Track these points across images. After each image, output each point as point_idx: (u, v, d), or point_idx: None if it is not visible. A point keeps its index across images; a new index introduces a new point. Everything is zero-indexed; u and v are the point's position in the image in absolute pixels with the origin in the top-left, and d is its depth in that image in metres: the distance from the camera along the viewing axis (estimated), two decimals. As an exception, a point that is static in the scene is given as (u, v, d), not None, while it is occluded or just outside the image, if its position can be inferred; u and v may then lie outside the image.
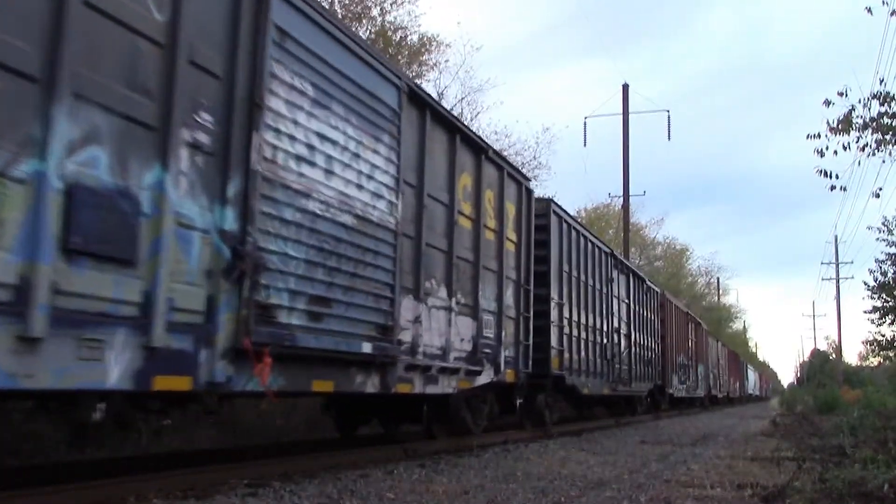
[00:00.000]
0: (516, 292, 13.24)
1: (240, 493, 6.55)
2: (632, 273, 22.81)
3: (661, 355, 26.68)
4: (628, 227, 36.64)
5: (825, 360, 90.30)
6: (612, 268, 19.99)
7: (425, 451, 10.84)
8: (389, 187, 9.07)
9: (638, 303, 23.20)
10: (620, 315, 20.91)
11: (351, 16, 21.08)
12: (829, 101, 13.88)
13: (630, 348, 21.79)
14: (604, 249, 19.44)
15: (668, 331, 28.17)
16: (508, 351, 12.81)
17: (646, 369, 24.02)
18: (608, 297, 19.49)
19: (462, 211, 11.18)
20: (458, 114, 24.44)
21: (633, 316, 22.47)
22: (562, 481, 8.07)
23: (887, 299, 33.24)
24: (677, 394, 29.83)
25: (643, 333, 23.81)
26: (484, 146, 11.97)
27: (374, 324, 8.67)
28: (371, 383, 8.81)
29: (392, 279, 9.03)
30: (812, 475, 8.16)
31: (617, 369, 20.06)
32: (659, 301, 27.07)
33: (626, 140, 34.30)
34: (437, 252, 10.49)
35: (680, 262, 66.89)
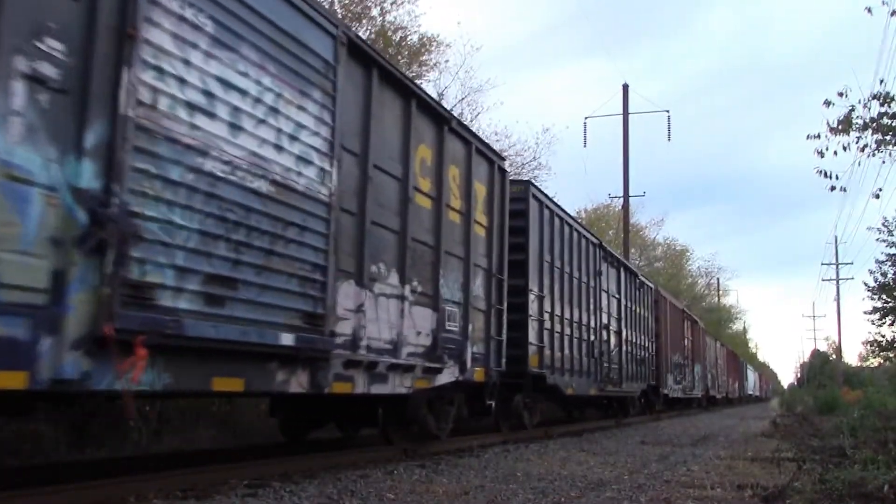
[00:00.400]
0: (487, 282, 11.68)
1: (240, 493, 6.40)
2: (623, 267, 21.15)
3: (655, 354, 25.02)
4: (628, 228, 35.94)
5: (825, 360, 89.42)
6: (600, 260, 18.37)
7: (425, 451, 10.48)
8: (321, 152, 7.51)
9: (630, 298, 21.55)
10: (610, 311, 19.25)
11: (351, 16, 20.57)
12: (829, 102, 13.55)
13: (621, 346, 20.15)
14: (591, 240, 17.84)
15: (663, 329, 26.53)
16: (477, 347, 11.27)
17: (638, 369, 22.37)
18: (596, 292, 17.88)
19: (419, 187, 9.63)
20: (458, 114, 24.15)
21: (625, 312, 20.82)
22: (562, 482, 7.92)
23: (887, 300, 32.76)
24: (673, 394, 28.08)
25: (636, 331, 22.16)
26: (446, 116, 10.39)
27: (298, 311, 7.13)
28: (297, 382, 7.27)
29: (324, 260, 7.48)
30: (812, 476, 8.05)
31: (606, 368, 18.43)
32: (653, 297, 25.42)
33: (626, 140, 33.85)
34: (387, 232, 8.94)
35: (680, 262, 65.62)
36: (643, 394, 23.80)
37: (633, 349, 21.76)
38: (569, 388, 15.64)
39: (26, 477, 6.75)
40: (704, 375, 37.06)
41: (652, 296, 25.16)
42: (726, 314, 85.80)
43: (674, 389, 28.18)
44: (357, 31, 20.69)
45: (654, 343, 24.84)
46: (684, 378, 30.43)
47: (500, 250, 12.13)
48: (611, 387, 18.87)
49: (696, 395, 34.65)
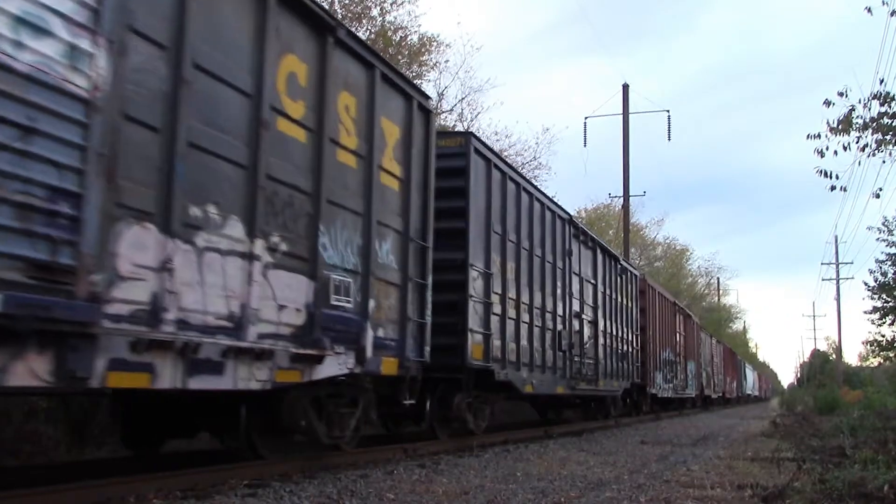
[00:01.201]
0: (402, 249, 8.75)
1: (240, 494, 6.10)
2: (600, 248, 17.84)
3: (640, 349, 21.67)
4: (628, 228, 34.36)
5: (825, 360, 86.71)
6: (570, 238, 15.19)
7: (425, 451, 10.01)
8: (71, 21, 4.59)
9: (610, 286, 18.33)
10: (584, 298, 16.07)
11: (351, 16, 19.85)
12: (829, 102, 13.00)
13: (597, 339, 16.90)
14: (559, 214, 14.67)
15: (651, 321, 23.12)
16: (385, 330, 8.36)
17: (620, 365, 19.07)
18: (565, 274, 14.75)
19: (284, 110, 6.72)
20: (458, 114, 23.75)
21: (603, 301, 17.60)
22: (562, 481, 7.65)
23: (887, 299, 30.88)
24: (662, 394, 24.60)
25: (617, 322, 18.91)
26: (330, 23, 7.28)
27: (13, 258, 4.24)
28: (25, 370, 4.37)
29: (77, 184, 4.60)
30: (812, 476, 7.81)
31: (577, 363, 15.21)
32: (638, 287, 22.07)
33: (626, 140, 32.33)
34: (226, 164, 6.03)
35: (680, 262, 63.16)
36: (627, 393, 20.53)
37: (614, 343, 18.53)
38: (527, 386, 12.59)
39: (26, 477, 6.50)
40: (699, 374, 33.36)
41: (636, 284, 21.80)
42: (726, 314, 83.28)
43: (663, 388, 24.80)
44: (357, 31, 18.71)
45: (638, 337, 21.52)
46: (675, 376, 26.92)
47: (421, 210, 9.17)
48: (584, 385, 15.68)
49: (690, 394, 31.00)
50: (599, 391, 17.17)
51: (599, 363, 16.92)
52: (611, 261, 18.60)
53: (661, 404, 27.17)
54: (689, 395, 30.85)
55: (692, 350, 31.42)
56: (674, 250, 60.46)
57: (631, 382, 20.22)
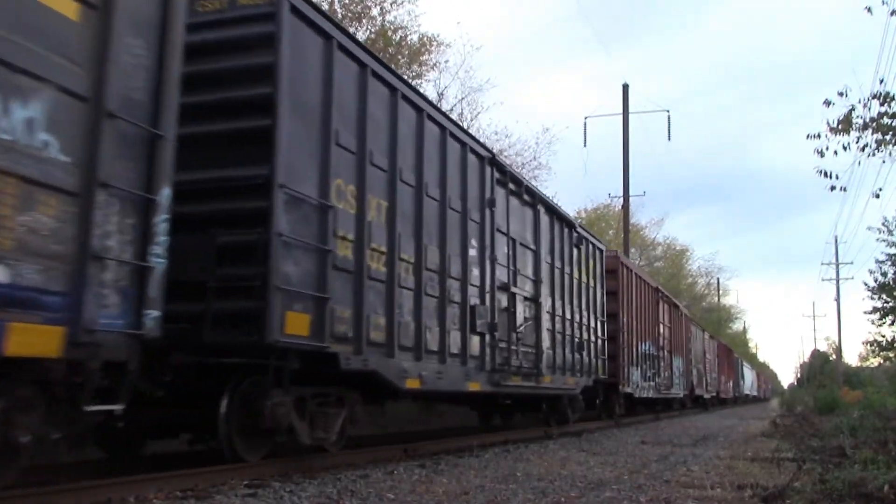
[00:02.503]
0: (82, 125, 4.81)
1: (239, 494, 6.05)
2: (546, 207, 13.63)
3: (609, 340, 17.75)
4: (628, 228, 33.82)
5: (825, 360, 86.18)
6: (492, 184, 11.15)
7: (425, 450, 9.95)
8: None
9: (563, 258, 14.42)
10: (519, 267, 12.14)
11: (351, 15, 19.86)
12: (829, 102, 13.00)
13: (541, 322, 12.93)
14: (474, 149, 10.64)
15: (624, 307, 19.21)
16: (21, 271, 4.38)
17: (577, 357, 15.17)
18: (485, 232, 10.81)
19: None
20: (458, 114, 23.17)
21: (552, 275, 13.76)
22: (562, 482, 7.60)
23: (887, 300, 30.51)
24: (640, 393, 20.67)
25: (573, 304, 14.99)
26: None
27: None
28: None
29: None
30: (812, 476, 7.80)
31: (505, 352, 11.27)
32: (605, 264, 17.89)
33: (626, 140, 31.90)
34: None
35: (680, 262, 62.13)
36: (591, 392, 16.71)
37: (569, 329, 14.64)
38: (409, 380, 8.63)
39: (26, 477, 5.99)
40: (688, 371, 29.55)
41: (602, 261, 17.57)
42: (726, 314, 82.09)
43: (641, 388, 20.82)
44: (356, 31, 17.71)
45: (605, 324, 17.46)
46: (658, 373, 22.96)
47: (147, 71, 5.33)
48: (518, 380, 11.77)
49: (676, 394, 27.02)
50: (543, 389, 13.12)
51: (544, 353, 12.95)
52: (563, 226, 14.53)
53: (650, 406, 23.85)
54: (675, 396, 27.06)
55: (680, 344, 27.58)
56: (674, 250, 60.17)
57: (595, 379, 16.34)
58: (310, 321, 7.04)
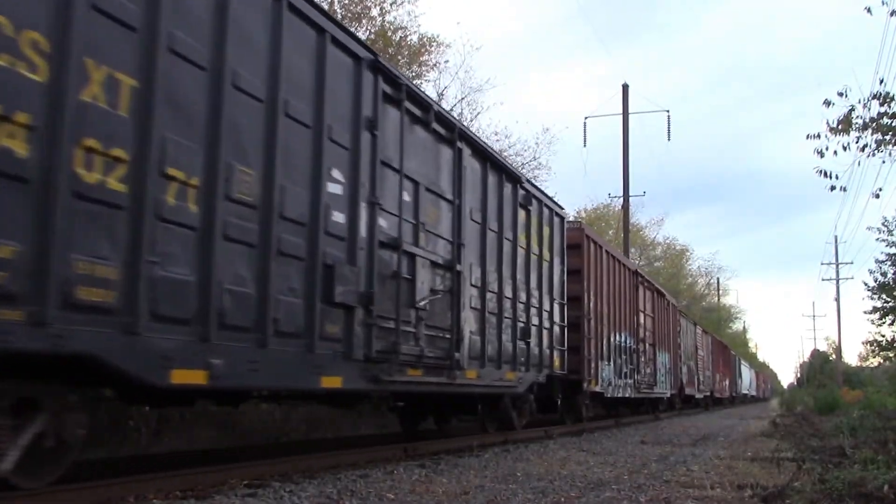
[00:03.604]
0: None
1: (239, 494, 5.97)
2: (474, 150, 10.34)
3: (569, 328, 14.31)
4: (628, 228, 33.47)
5: (825, 360, 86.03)
6: (376, 98, 7.97)
7: (425, 450, 9.62)
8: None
9: (505, 221, 11.27)
10: (426, 221, 8.94)
11: (351, 16, 19.68)
12: (829, 102, 12.86)
13: (460, 297, 9.61)
14: (339, 39, 7.45)
15: (592, 291, 15.84)
16: None
17: (521, 347, 11.77)
18: (360, 163, 7.63)
19: None
20: (458, 114, 22.72)
21: (485, 239, 10.59)
22: (562, 482, 7.49)
23: (887, 300, 30.68)
24: (613, 392, 17.37)
25: (518, 280, 11.73)
26: None
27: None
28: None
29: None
30: (812, 476, 7.61)
31: (392, 334, 8.00)
32: (566, 236, 14.38)
33: (626, 140, 31.46)
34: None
35: (680, 262, 61.13)
36: (547, 390, 13.59)
37: (510, 311, 11.40)
38: (179, 371, 5.43)
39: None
40: (676, 368, 26.27)
41: (563, 232, 14.18)
42: (726, 314, 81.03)
43: (615, 385, 17.41)
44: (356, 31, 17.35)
45: (563, 307, 14.04)
46: (637, 370, 19.66)
47: None
48: (418, 374, 8.58)
49: (661, 393, 23.63)
50: (463, 387, 9.83)
51: (466, 340, 9.74)
52: (502, 178, 11.18)
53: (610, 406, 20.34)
54: (660, 395, 23.72)
55: (665, 337, 24.23)
56: (674, 250, 59.59)
57: (549, 374, 13.15)
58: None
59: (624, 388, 18.47)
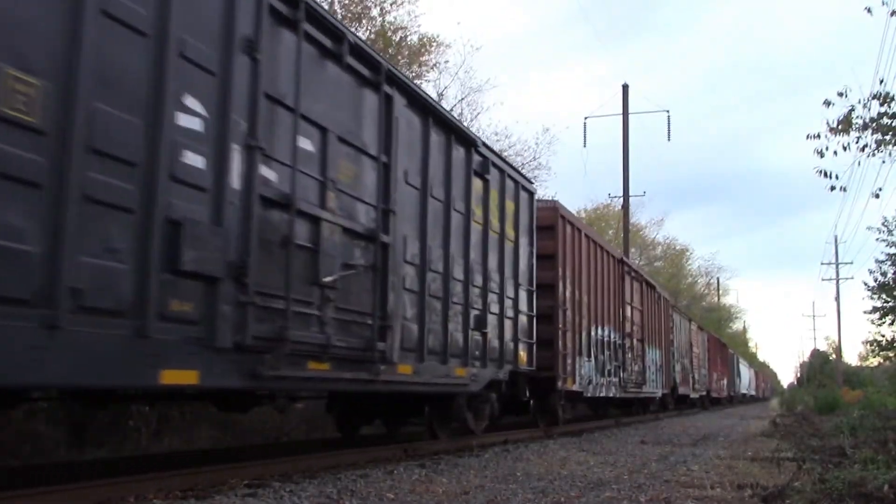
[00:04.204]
0: None
1: (240, 493, 5.92)
2: (410, 100, 8.55)
3: (540, 319, 12.51)
4: (628, 228, 33.06)
5: (825, 360, 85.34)
6: (259, 14, 6.15)
7: (425, 450, 9.50)
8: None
9: (454, 189, 9.49)
10: (336, 177, 7.13)
11: (351, 16, 19.39)
12: (829, 102, 12.79)
13: (387, 274, 7.89)
14: None
15: (568, 278, 14.04)
16: None
17: (475, 338, 10.01)
18: (232, 94, 5.86)
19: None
20: (458, 114, 22.56)
21: (426, 209, 8.83)
22: (562, 481, 7.42)
23: (887, 299, 30.16)
24: (594, 392, 15.66)
25: (471, 261, 9.92)
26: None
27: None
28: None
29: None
30: (812, 475, 7.57)
31: (280, 316, 6.20)
32: (536, 215, 12.54)
33: (626, 140, 31.17)
34: None
35: (680, 262, 60.40)
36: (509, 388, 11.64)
37: (461, 296, 9.67)
38: None
39: (26, 477, 6.32)
40: (667, 366, 24.34)
41: (532, 209, 12.32)
42: (726, 314, 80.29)
43: (597, 384, 15.80)
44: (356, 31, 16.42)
45: (532, 295, 12.14)
46: (623, 367, 17.84)
47: None
48: (324, 368, 6.82)
49: (652, 393, 21.77)
50: (390, 384, 8.01)
51: (398, 327, 7.99)
52: (450, 138, 9.38)
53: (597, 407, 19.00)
54: (650, 395, 21.80)
55: (656, 333, 22.33)
56: (674, 250, 58.97)
57: (512, 371, 11.27)
58: None
59: (607, 387, 16.75)
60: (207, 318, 5.48)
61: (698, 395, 32.51)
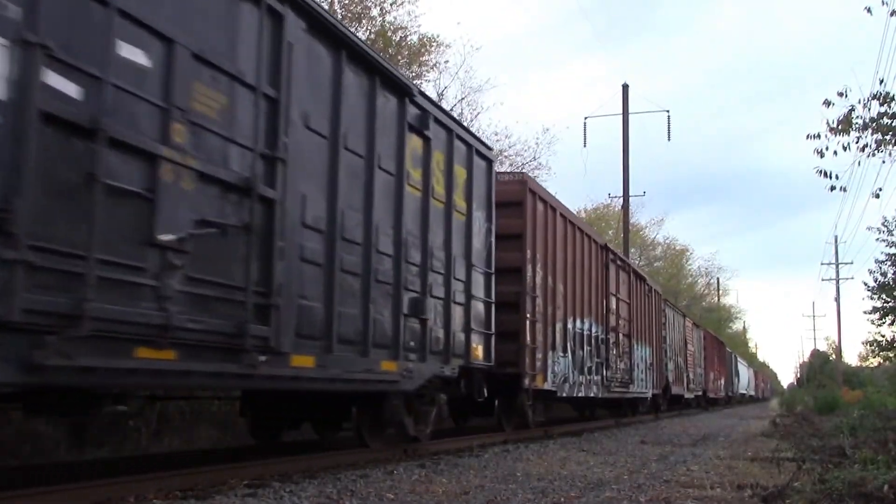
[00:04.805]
0: None
1: (239, 493, 5.86)
2: (310, 22, 6.84)
3: (502, 307, 10.97)
4: (628, 228, 32.93)
5: (825, 360, 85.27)
6: None
7: (425, 450, 9.19)
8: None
9: (379, 144, 7.82)
10: (187, 105, 5.43)
11: (351, 16, 19.25)
12: (829, 102, 12.75)
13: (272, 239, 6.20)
14: None
15: (538, 261, 12.27)
16: None
17: (410, 326, 8.34)
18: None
19: None
20: (458, 114, 22.39)
21: (338, 163, 7.13)
22: (561, 481, 7.36)
23: (887, 300, 30.57)
24: (570, 391, 13.93)
25: (405, 231, 8.27)
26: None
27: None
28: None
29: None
30: (812, 476, 7.49)
31: (75, 285, 4.48)
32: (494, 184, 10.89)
33: (626, 140, 30.98)
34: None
35: (680, 262, 59.96)
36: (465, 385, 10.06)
37: (390, 273, 8.02)
38: None
39: (26, 477, 6.29)
40: (660, 364, 22.66)
41: (490, 179, 10.71)
42: (726, 314, 79.50)
43: (574, 383, 14.09)
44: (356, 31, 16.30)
45: (490, 278, 10.52)
46: (606, 364, 16.14)
47: None
48: (166, 358, 5.11)
49: (641, 393, 19.93)
50: (274, 378, 6.35)
51: (293, 307, 6.39)
52: (371, 79, 7.68)
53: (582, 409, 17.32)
54: (638, 395, 19.89)
55: (646, 329, 20.61)
56: (673, 250, 58.50)
57: (463, 367, 9.66)
58: None
59: (587, 386, 15.00)
60: None
61: (693, 395, 30.95)
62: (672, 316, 26.56)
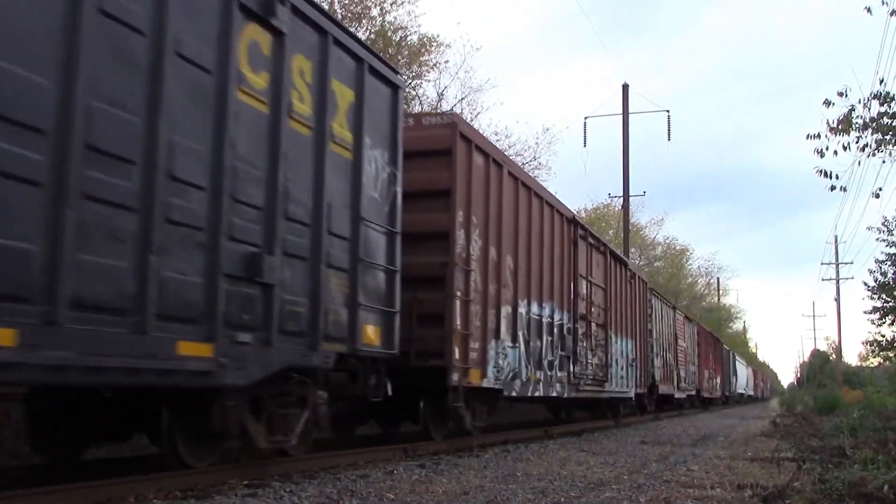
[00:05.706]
0: None
1: (240, 494, 5.84)
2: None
3: (419, 282, 9.19)
4: (628, 228, 32.90)
5: (825, 360, 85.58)
6: None
7: (425, 450, 9.14)
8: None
9: (162, 18, 5.31)
10: None
11: (351, 16, 19.25)
12: (829, 102, 12.72)
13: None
14: None
15: (474, 224, 10.14)
16: None
17: (220, 290, 5.78)
18: None
19: None
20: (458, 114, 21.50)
21: (82, 39, 4.68)
22: (562, 482, 7.35)
23: (887, 300, 30.56)
24: (522, 390, 11.72)
25: (245, 167, 6.09)
26: None
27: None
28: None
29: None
30: (812, 476, 7.55)
31: None
32: (400, 116, 8.62)
33: (626, 140, 30.92)
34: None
35: (680, 262, 59.93)
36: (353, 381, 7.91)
37: (195, 212, 5.66)
38: None
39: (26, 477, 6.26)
40: (643, 360, 20.30)
41: (394, 106, 8.53)
42: (726, 314, 79.42)
43: (529, 380, 11.92)
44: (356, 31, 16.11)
45: (392, 240, 8.30)
46: (575, 359, 13.88)
47: None
48: None
49: (620, 392, 17.60)
50: None
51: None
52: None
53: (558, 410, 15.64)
54: (616, 394, 17.41)
55: (627, 320, 18.39)
56: (674, 250, 58.43)
57: (345, 353, 7.43)
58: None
59: (548, 384, 12.73)
60: None
61: (685, 394, 28.31)
62: (660, 307, 24.12)
